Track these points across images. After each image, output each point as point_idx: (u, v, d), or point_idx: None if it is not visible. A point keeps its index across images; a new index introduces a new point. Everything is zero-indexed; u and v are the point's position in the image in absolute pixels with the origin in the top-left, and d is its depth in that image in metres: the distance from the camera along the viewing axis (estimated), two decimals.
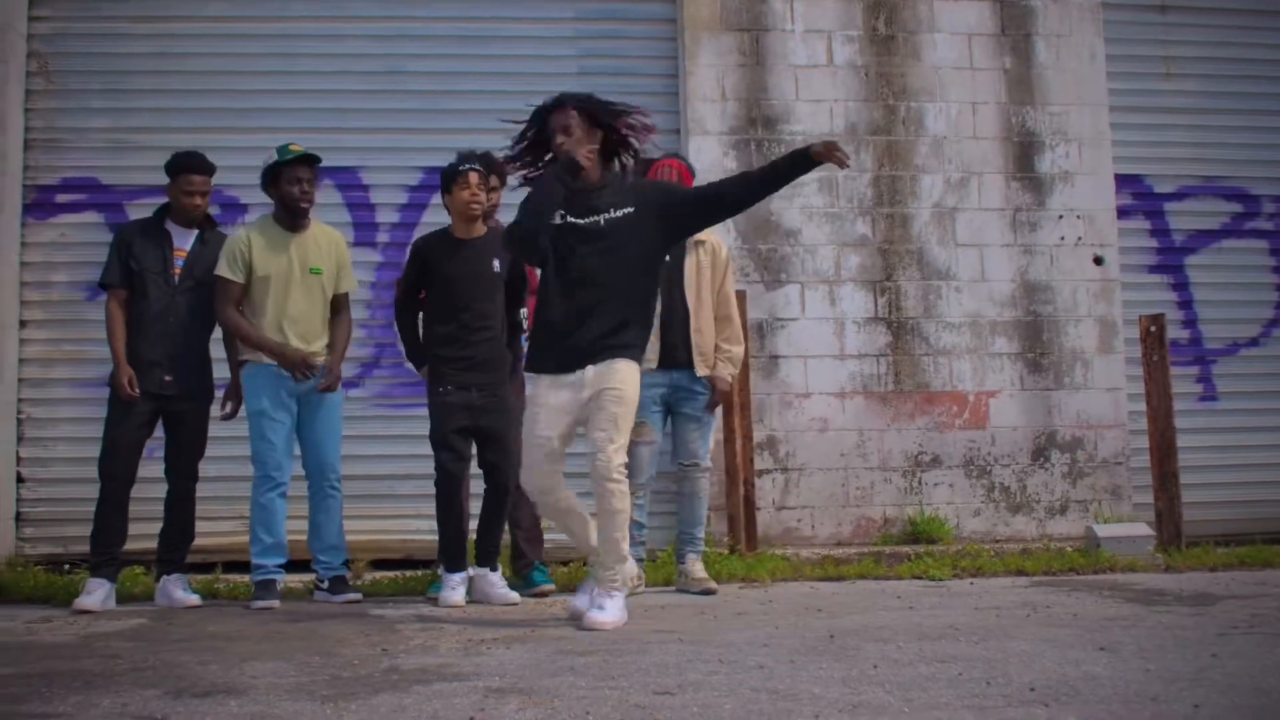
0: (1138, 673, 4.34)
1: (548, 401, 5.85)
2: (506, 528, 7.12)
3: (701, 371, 7.22)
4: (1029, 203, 9.45)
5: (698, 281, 7.25)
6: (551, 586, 7.17)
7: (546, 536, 7.40)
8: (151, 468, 7.08)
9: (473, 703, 4.00)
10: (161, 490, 7.06)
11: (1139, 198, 9.85)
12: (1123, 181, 9.69)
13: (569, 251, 5.89)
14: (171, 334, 6.90)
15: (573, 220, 5.90)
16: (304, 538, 7.04)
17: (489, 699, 4.06)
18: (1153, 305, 9.26)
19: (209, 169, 7.09)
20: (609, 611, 5.77)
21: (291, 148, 7.02)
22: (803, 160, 5.82)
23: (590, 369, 5.81)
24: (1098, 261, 9.48)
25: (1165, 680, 4.18)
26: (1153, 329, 8.51)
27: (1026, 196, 9.45)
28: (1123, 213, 9.68)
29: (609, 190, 5.98)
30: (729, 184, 6.24)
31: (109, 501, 6.82)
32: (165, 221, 7.04)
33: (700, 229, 6.61)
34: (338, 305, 7.18)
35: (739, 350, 7.40)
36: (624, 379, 5.81)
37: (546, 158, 6.05)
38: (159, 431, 7.04)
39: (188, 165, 7.02)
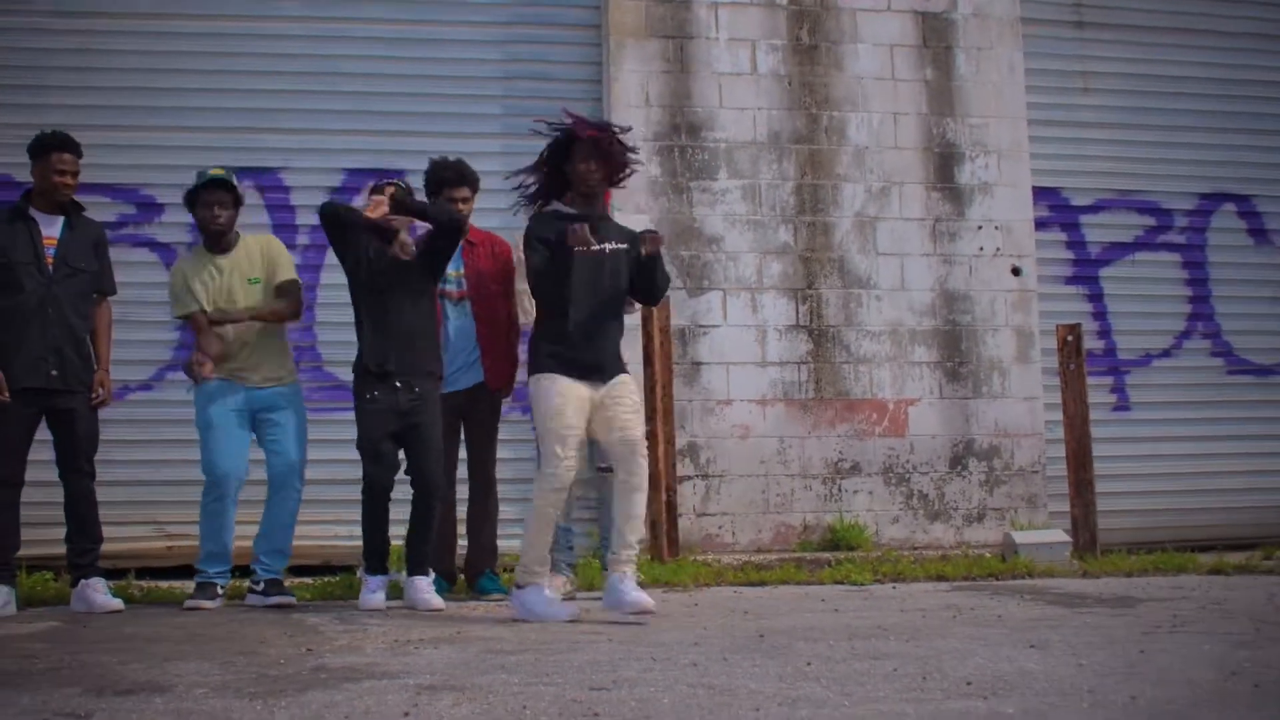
0: (1070, 668, 4.38)
1: (573, 394, 6.12)
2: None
3: None
4: (949, 213, 9.54)
5: None
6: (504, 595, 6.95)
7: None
8: (46, 471, 6.76)
9: (405, 699, 3.95)
10: (58, 493, 6.72)
11: (1056, 210, 10.00)
12: (1040, 194, 9.84)
13: (587, 277, 6.19)
14: (54, 326, 6.59)
15: (587, 250, 6.18)
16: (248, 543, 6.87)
17: (421, 695, 4.01)
18: (1068, 316, 9.32)
19: (78, 149, 6.78)
20: (642, 591, 6.10)
21: (212, 171, 6.89)
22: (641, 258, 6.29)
23: (604, 384, 6.17)
24: (1015, 272, 9.60)
25: (1098, 674, 4.23)
26: (1070, 338, 8.61)
27: (946, 207, 9.55)
28: (1040, 224, 9.82)
29: (609, 223, 6.48)
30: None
31: None
32: (29, 209, 6.71)
33: None
34: (284, 291, 6.98)
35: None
36: (631, 385, 6.32)
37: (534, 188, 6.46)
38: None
39: (58, 143, 6.70)
